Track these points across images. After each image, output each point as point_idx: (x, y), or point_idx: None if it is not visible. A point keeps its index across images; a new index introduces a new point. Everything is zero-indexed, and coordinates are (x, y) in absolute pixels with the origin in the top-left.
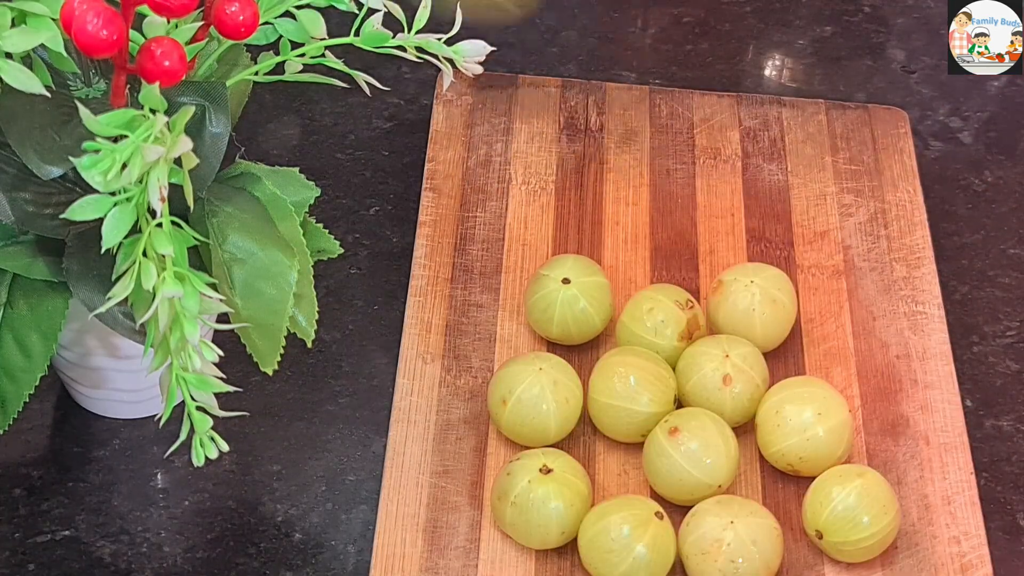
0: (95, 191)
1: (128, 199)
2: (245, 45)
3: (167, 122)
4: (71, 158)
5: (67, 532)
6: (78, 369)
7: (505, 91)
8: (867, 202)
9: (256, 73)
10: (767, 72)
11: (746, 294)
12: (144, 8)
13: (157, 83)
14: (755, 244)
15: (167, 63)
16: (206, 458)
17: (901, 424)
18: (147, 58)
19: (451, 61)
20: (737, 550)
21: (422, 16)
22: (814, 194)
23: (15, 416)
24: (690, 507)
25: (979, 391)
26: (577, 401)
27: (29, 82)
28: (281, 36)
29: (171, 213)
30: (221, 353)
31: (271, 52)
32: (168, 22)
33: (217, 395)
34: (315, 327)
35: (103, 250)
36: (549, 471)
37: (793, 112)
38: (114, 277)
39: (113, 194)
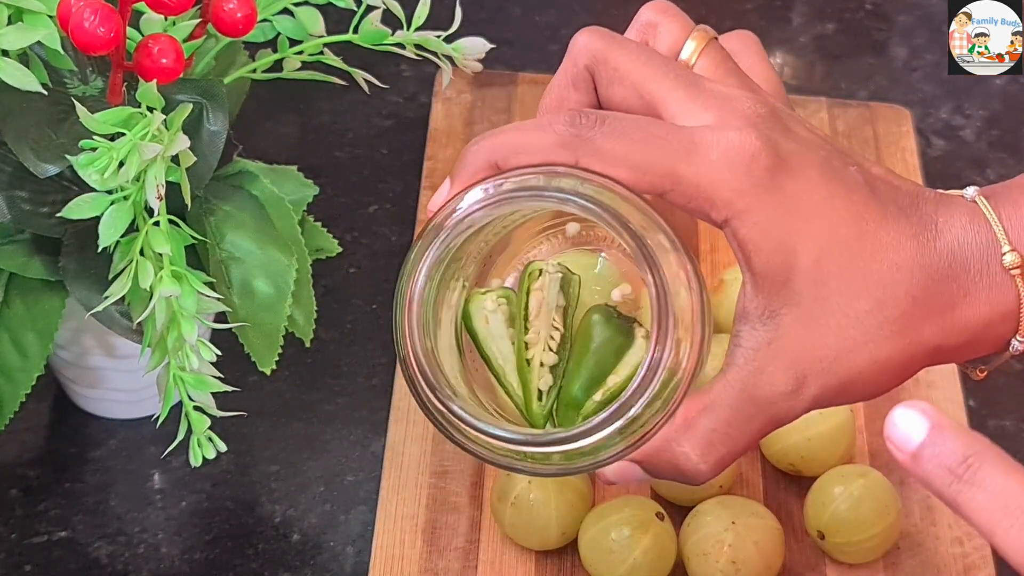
0: (92, 189)
1: (125, 197)
2: (243, 42)
3: (164, 120)
4: (68, 156)
5: (64, 533)
6: (75, 369)
7: (505, 89)
8: None
9: (254, 71)
10: None
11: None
12: (141, 5)
13: (154, 81)
14: None
15: (164, 60)
16: (204, 458)
17: None
18: (144, 55)
19: (450, 59)
20: (738, 551)
21: (421, 13)
22: None
23: (11, 416)
24: (691, 507)
25: (982, 391)
26: None
27: (26, 80)
28: (279, 33)
29: (168, 211)
30: (219, 352)
31: (269, 49)
32: (165, 19)
33: (215, 395)
34: (313, 326)
35: (100, 249)
36: None
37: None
38: (111, 276)
39: (110, 192)
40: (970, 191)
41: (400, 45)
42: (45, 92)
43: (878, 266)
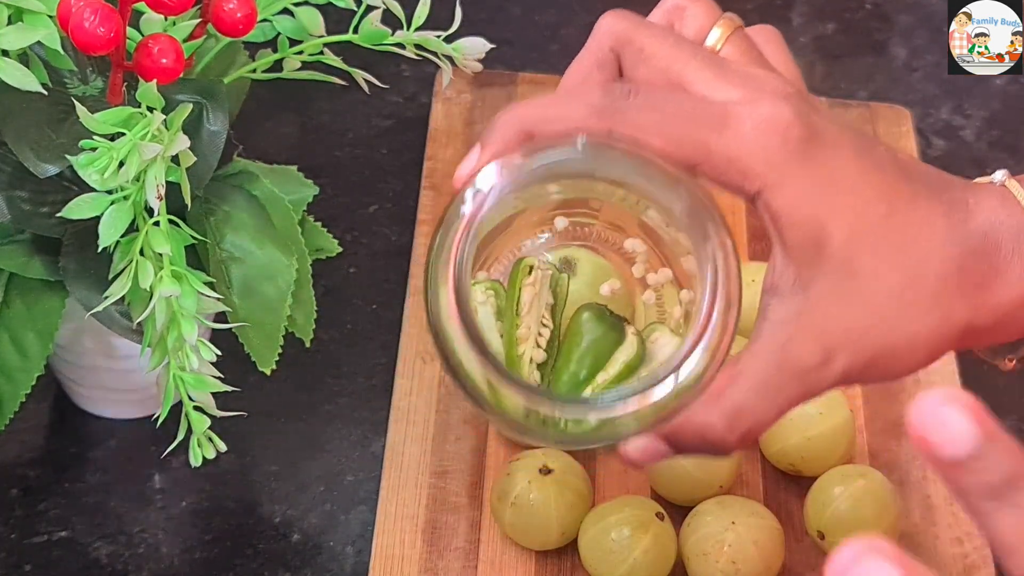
0: (92, 189)
1: (125, 197)
2: (243, 42)
3: (164, 120)
4: (68, 156)
5: (64, 533)
6: (75, 368)
7: (505, 89)
8: None
9: (254, 71)
10: None
11: (747, 293)
12: (141, 5)
13: (154, 81)
14: (756, 243)
15: (164, 60)
16: (204, 458)
17: (903, 424)
18: (144, 55)
19: (450, 58)
20: (738, 551)
21: (421, 13)
22: None
23: (11, 416)
24: (691, 507)
25: (981, 391)
26: None
27: (26, 80)
28: (279, 33)
29: (168, 211)
30: (219, 352)
31: (269, 49)
32: (165, 19)
33: (215, 395)
34: (313, 326)
35: (100, 249)
36: (549, 471)
37: None
38: (111, 276)
39: (110, 192)
40: (999, 175)
41: (400, 45)
42: (45, 92)
43: (911, 243)
